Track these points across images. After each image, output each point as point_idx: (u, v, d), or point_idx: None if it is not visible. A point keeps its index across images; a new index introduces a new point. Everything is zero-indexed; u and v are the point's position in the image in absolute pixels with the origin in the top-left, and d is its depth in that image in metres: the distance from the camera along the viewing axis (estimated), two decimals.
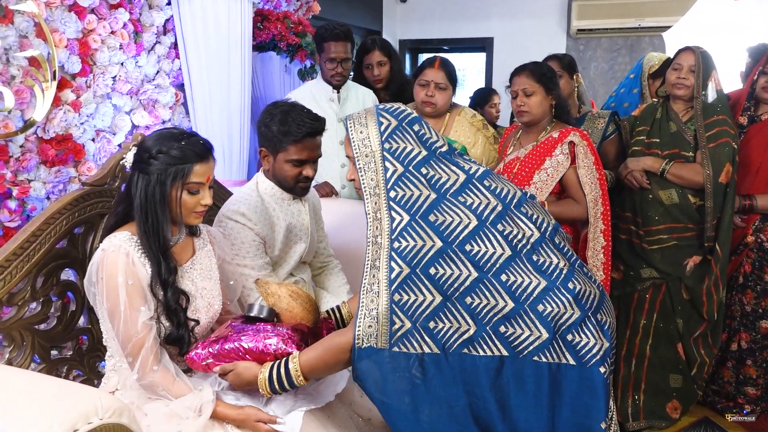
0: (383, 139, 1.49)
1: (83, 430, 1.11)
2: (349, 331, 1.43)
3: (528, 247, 1.45)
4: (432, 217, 1.43)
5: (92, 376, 1.80)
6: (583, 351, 1.41)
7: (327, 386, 1.67)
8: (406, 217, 1.42)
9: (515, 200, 1.51)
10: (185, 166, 1.52)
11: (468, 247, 1.42)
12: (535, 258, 1.45)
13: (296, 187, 1.98)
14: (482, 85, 6.39)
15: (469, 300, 1.40)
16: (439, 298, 1.39)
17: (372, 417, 1.73)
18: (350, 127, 1.53)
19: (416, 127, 1.53)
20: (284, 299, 1.61)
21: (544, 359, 1.40)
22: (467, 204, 1.46)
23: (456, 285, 1.40)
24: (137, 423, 1.27)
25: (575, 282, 1.44)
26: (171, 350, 1.61)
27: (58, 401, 1.17)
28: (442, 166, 1.50)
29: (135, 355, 1.50)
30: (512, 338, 1.40)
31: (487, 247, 1.43)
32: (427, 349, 1.38)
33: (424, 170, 1.48)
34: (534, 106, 2.38)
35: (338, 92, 2.87)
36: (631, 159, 2.64)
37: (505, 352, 1.40)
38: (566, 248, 1.52)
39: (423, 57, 6.53)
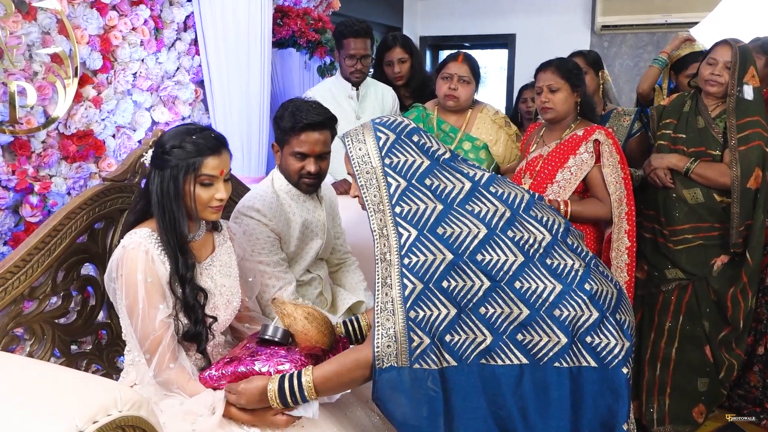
0: (383, 154, 1.47)
1: (103, 422, 1.11)
2: (366, 347, 1.40)
3: (540, 251, 1.43)
4: (440, 230, 1.40)
5: (111, 371, 1.81)
6: (605, 352, 1.38)
7: None
8: (414, 232, 1.40)
9: (523, 204, 1.49)
10: (196, 159, 1.52)
11: (479, 257, 1.39)
12: (548, 262, 1.42)
13: (300, 183, 1.97)
14: (504, 82, 6.34)
15: (483, 310, 1.38)
16: (453, 311, 1.37)
17: None
18: (348, 144, 1.50)
19: (416, 138, 1.50)
20: (300, 321, 1.58)
21: (565, 364, 1.37)
22: (475, 213, 1.43)
23: (469, 296, 1.38)
24: (156, 416, 1.27)
25: (591, 282, 1.41)
26: (188, 347, 1.61)
27: (79, 393, 1.17)
28: (447, 174, 1.48)
29: (152, 352, 1.51)
30: (530, 345, 1.38)
31: (498, 256, 1.40)
32: (445, 363, 1.36)
33: (428, 181, 1.45)
34: (558, 102, 2.34)
35: (357, 89, 2.85)
36: (655, 156, 2.57)
37: (524, 360, 1.37)
38: (580, 248, 1.49)
39: (444, 54, 6.50)
